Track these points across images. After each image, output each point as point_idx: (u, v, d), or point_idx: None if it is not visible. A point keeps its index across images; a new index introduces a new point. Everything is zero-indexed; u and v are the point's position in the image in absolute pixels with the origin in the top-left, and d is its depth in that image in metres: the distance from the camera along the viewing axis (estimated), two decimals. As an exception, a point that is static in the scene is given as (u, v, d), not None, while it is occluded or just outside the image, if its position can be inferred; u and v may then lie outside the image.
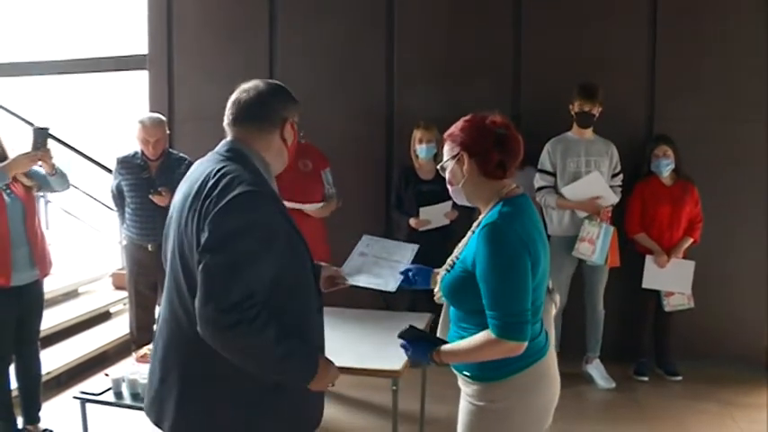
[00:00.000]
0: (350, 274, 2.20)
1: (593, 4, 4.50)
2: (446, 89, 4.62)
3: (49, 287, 3.83)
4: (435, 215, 4.09)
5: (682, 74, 4.40)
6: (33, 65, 6.34)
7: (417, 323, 2.00)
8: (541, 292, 1.87)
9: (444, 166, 1.94)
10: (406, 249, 2.38)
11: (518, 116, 4.29)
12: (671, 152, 4.11)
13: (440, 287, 1.93)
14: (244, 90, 1.81)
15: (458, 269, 1.86)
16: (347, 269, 2.23)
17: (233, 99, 1.82)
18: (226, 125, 1.83)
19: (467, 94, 4.44)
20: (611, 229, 4.00)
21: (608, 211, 4.05)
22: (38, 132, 2.99)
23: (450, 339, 1.91)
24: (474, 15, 4.64)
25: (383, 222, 4.68)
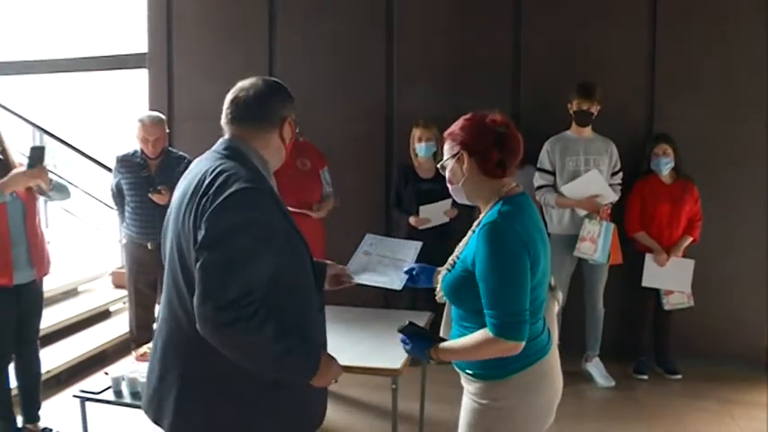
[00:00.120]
0: (355, 273, 2.20)
1: (593, 4, 4.49)
2: (446, 89, 4.62)
3: (49, 286, 3.82)
4: (435, 213, 4.09)
5: (682, 74, 4.39)
6: (33, 63, 6.34)
7: (417, 321, 2.01)
8: (542, 291, 1.87)
9: (444, 165, 1.93)
10: (410, 248, 2.38)
11: (518, 115, 4.30)
12: (670, 151, 4.11)
13: (441, 287, 1.93)
14: (242, 88, 1.79)
15: (458, 269, 1.86)
16: (352, 268, 2.23)
17: (231, 98, 1.80)
18: (224, 123, 1.81)
19: (467, 93, 4.45)
20: (611, 226, 4.00)
21: (608, 209, 4.04)
22: (34, 151, 3.05)
23: (453, 338, 1.92)
24: (474, 15, 4.64)
25: (383, 222, 4.69)
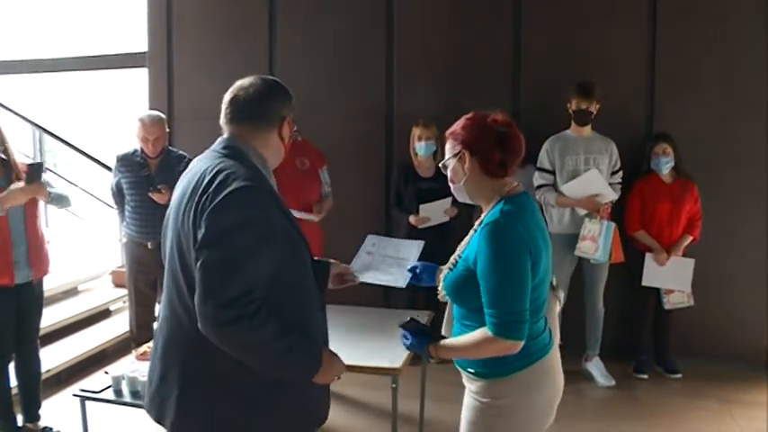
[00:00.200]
0: (359, 272, 2.21)
1: (593, 4, 4.49)
2: (446, 89, 4.62)
3: (49, 285, 3.82)
4: (435, 212, 4.09)
5: (682, 74, 4.39)
6: (33, 63, 6.34)
7: (418, 320, 2.01)
8: (544, 290, 1.87)
9: (446, 164, 1.94)
10: (412, 246, 2.39)
11: (518, 115, 4.30)
12: (670, 150, 4.11)
13: (443, 285, 1.94)
14: (241, 87, 1.79)
15: (460, 267, 1.86)
16: (355, 268, 2.24)
17: (230, 97, 1.79)
18: (223, 123, 1.80)
19: (467, 93, 4.45)
20: (612, 225, 4.00)
21: (608, 208, 4.04)
22: (32, 167, 3.10)
23: (454, 336, 1.92)
24: (474, 15, 4.64)
25: (384, 222, 4.69)
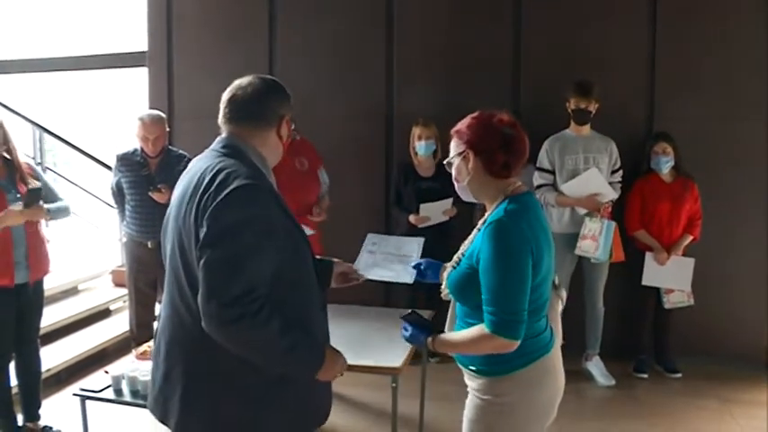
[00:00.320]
0: (363, 270, 2.21)
1: (593, 4, 4.50)
2: (446, 89, 4.62)
3: (49, 284, 3.81)
4: (435, 212, 4.09)
5: (682, 74, 4.40)
6: (33, 62, 6.34)
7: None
8: (546, 289, 1.88)
9: (450, 162, 1.94)
10: (413, 243, 2.40)
11: (518, 114, 4.29)
12: (670, 149, 4.12)
13: (446, 284, 1.94)
14: (240, 87, 1.79)
15: (463, 266, 1.87)
16: (359, 265, 2.24)
17: (229, 96, 1.80)
18: (221, 122, 1.81)
19: (467, 93, 4.45)
20: (612, 224, 3.99)
21: (608, 207, 4.04)
22: (31, 192, 3.14)
23: (455, 333, 1.93)
24: (474, 15, 4.65)
25: (383, 222, 4.69)
